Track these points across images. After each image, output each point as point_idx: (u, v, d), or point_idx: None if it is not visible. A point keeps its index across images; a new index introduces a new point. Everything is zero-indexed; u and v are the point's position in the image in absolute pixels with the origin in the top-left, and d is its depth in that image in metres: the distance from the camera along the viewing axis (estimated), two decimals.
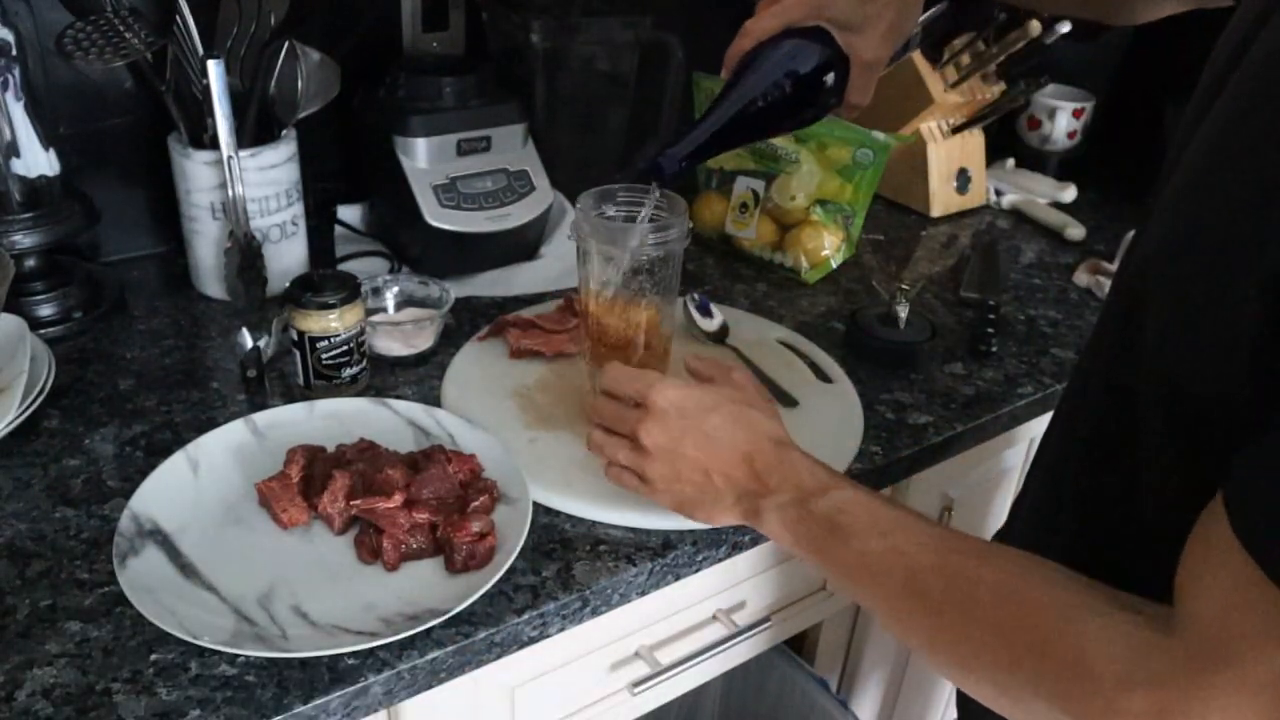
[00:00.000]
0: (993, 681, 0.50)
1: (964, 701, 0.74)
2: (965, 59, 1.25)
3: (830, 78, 0.69)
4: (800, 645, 1.07)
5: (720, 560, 0.74)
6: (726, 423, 0.64)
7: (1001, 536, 0.75)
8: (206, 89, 0.88)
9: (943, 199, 1.33)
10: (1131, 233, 1.13)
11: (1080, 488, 0.60)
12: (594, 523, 0.72)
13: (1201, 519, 0.44)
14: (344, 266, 1.05)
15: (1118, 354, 0.55)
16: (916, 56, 1.23)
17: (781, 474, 0.62)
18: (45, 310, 0.91)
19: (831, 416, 0.86)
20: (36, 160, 0.89)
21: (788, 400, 0.87)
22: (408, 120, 0.99)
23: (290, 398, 0.84)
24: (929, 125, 1.30)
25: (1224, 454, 0.42)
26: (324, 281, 0.82)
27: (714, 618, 0.84)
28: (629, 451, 0.67)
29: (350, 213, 1.14)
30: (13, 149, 0.87)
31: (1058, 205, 1.38)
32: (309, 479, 0.72)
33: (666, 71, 1.14)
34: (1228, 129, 0.48)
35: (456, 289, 0.99)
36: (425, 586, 0.65)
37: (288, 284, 0.82)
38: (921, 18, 0.75)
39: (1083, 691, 0.45)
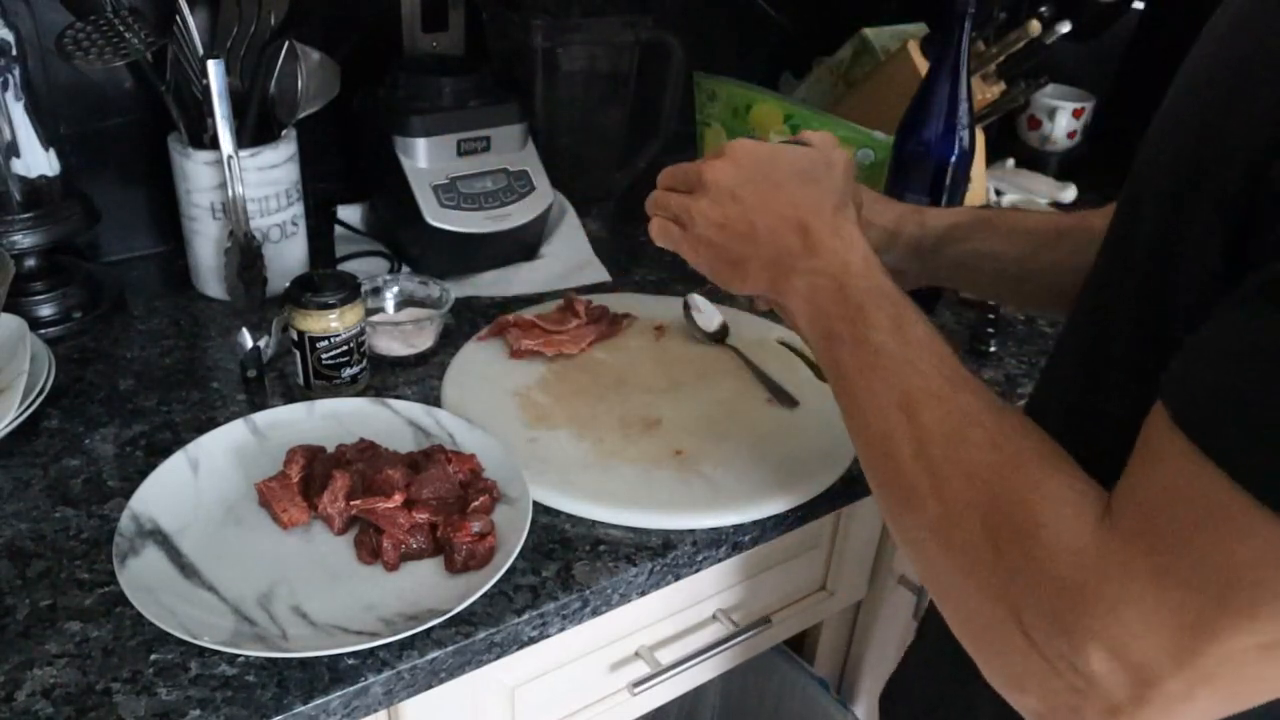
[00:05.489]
0: (935, 530, 0.48)
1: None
2: None
3: None
4: (800, 645, 1.07)
5: (720, 560, 0.74)
6: (795, 179, 0.60)
7: None
8: (206, 89, 0.88)
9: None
10: None
11: (1065, 391, 0.57)
12: (594, 523, 0.72)
13: (1147, 420, 0.42)
14: (344, 266, 1.05)
15: (1110, 265, 0.53)
16: (916, 56, 1.23)
17: (833, 246, 0.57)
18: (45, 310, 0.91)
19: (832, 416, 0.85)
20: (36, 160, 0.89)
21: (788, 400, 0.87)
22: (408, 120, 0.99)
23: (290, 398, 0.84)
24: None
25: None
26: (324, 281, 0.82)
27: (714, 618, 0.84)
28: (681, 196, 0.63)
29: (350, 213, 1.14)
30: (13, 149, 0.87)
31: (1058, 205, 1.38)
32: (309, 479, 0.72)
33: (666, 71, 1.14)
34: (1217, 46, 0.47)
35: (456, 289, 0.99)
36: (425, 586, 0.65)
37: (288, 284, 0.82)
38: None
39: (1023, 550, 0.43)
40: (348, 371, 0.83)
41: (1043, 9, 1.20)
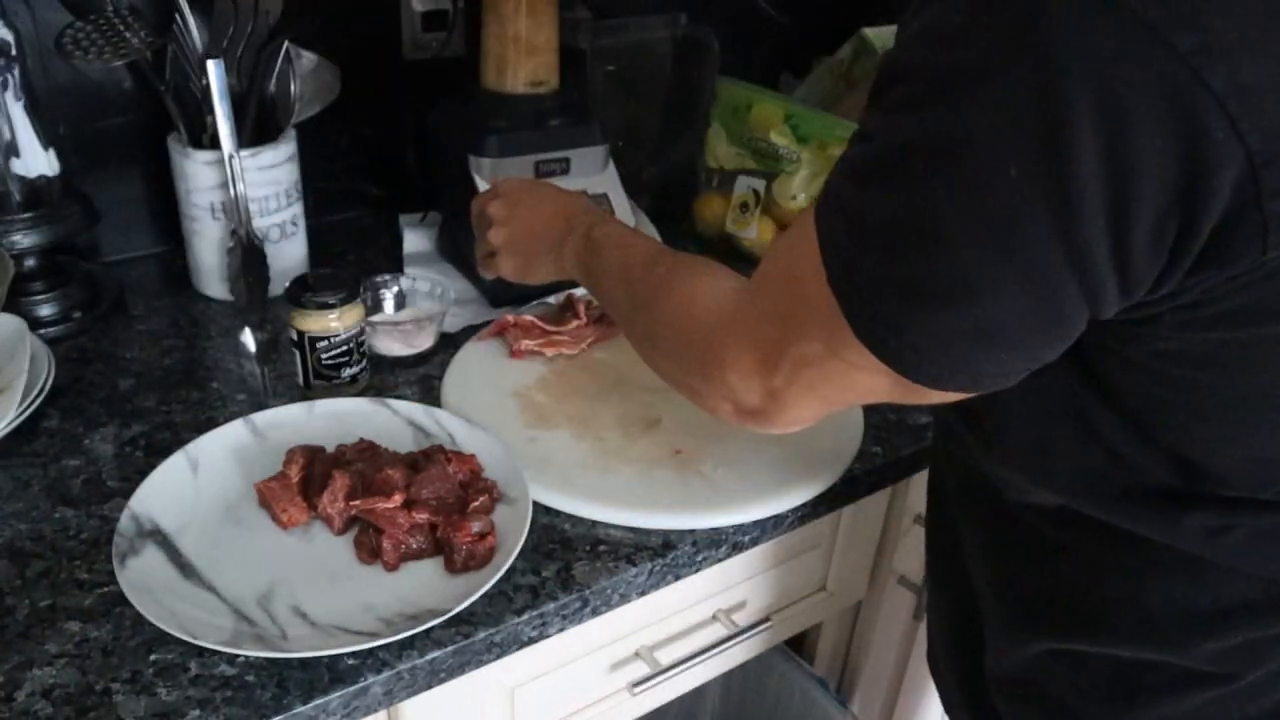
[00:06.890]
0: (646, 335, 0.68)
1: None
2: None
3: None
4: (800, 645, 1.07)
5: (720, 560, 0.74)
6: (549, 191, 0.85)
7: None
8: (206, 88, 0.88)
9: None
10: None
11: None
12: (594, 523, 0.72)
13: None
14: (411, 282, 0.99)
15: None
16: None
17: (586, 220, 0.79)
18: (45, 310, 0.91)
19: (832, 416, 0.85)
20: (36, 160, 0.89)
21: None
22: (484, 139, 0.96)
23: (290, 398, 0.84)
24: None
25: None
26: (323, 281, 0.82)
27: (714, 618, 0.84)
28: (483, 234, 0.85)
29: (416, 238, 1.10)
30: (12, 149, 0.87)
31: None
32: (309, 479, 0.72)
33: (702, 68, 1.13)
34: None
35: (510, 309, 0.96)
36: (425, 587, 0.65)
37: (287, 284, 0.82)
38: None
39: (686, 316, 0.62)
40: (347, 371, 0.83)
41: None
